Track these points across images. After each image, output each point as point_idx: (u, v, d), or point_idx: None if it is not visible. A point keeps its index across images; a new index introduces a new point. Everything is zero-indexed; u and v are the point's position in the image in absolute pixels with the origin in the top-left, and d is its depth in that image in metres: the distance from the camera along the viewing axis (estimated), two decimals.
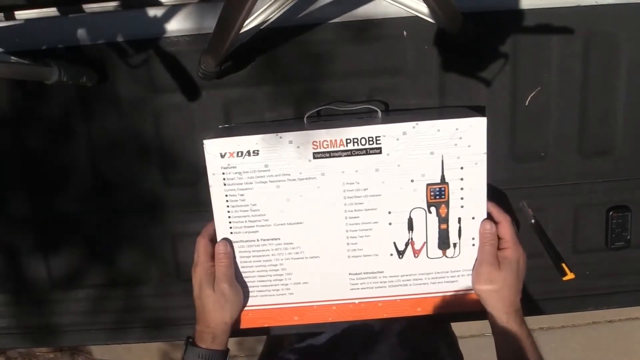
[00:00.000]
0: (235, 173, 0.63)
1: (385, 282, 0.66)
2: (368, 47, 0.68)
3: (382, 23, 0.67)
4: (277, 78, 0.69)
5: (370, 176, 0.63)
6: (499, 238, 0.64)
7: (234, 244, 0.65)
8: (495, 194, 0.70)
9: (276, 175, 0.63)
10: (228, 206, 0.64)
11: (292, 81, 0.69)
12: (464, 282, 0.66)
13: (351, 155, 0.62)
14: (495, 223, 0.64)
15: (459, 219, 0.64)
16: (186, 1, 0.68)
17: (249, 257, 0.65)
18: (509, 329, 0.61)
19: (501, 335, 0.62)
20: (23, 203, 0.74)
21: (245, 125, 0.70)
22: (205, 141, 0.62)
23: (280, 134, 0.61)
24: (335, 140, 0.61)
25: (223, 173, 0.63)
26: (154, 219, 0.74)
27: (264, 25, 0.62)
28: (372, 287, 0.66)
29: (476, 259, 0.65)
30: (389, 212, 0.64)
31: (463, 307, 0.67)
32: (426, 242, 0.65)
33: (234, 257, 0.66)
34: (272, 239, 0.65)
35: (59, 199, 0.74)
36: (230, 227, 0.65)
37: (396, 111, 0.70)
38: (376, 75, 0.69)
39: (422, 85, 0.69)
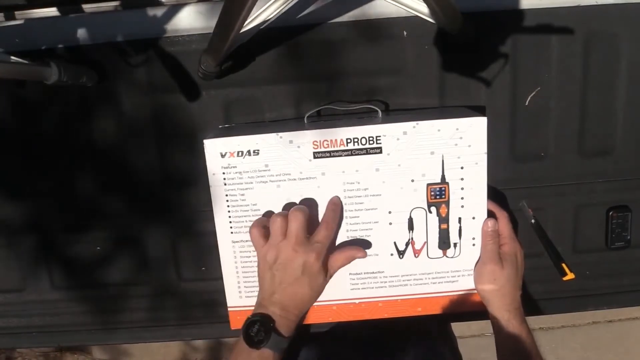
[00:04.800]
0: (236, 173, 0.63)
1: (386, 282, 0.66)
2: (368, 47, 0.68)
3: (382, 23, 0.67)
4: (277, 78, 0.69)
5: (370, 176, 0.63)
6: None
7: (234, 244, 0.65)
8: (495, 194, 0.70)
9: (276, 175, 0.63)
10: (228, 206, 0.64)
11: (292, 81, 0.69)
12: (464, 282, 0.66)
13: (351, 155, 0.62)
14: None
15: (460, 219, 0.64)
16: (186, 1, 0.68)
17: (250, 257, 0.65)
18: (510, 327, 0.61)
19: (502, 334, 0.62)
20: (22, 203, 0.74)
21: (245, 125, 0.70)
22: (205, 141, 0.62)
23: (280, 134, 0.61)
24: (336, 140, 0.61)
25: (223, 173, 0.63)
26: (154, 219, 0.74)
27: (264, 25, 0.62)
28: (373, 287, 0.66)
29: (479, 259, 0.65)
30: (390, 212, 0.64)
31: (463, 307, 0.67)
32: (426, 242, 0.65)
33: (234, 257, 0.66)
34: None
35: (59, 199, 0.74)
36: (231, 227, 0.65)
37: (396, 111, 0.70)
38: (376, 75, 0.69)
39: (422, 85, 0.69)
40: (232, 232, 0.65)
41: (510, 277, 0.62)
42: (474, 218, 0.64)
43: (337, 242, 0.64)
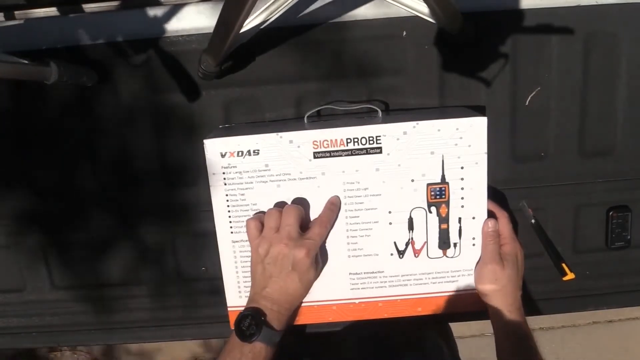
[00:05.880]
0: (236, 173, 0.63)
1: (386, 282, 0.66)
2: (368, 47, 0.68)
3: (382, 23, 0.67)
4: (277, 78, 0.69)
5: (370, 176, 0.63)
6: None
7: (234, 244, 0.65)
8: (495, 194, 0.70)
9: (276, 175, 0.63)
10: (228, 206, 0.64)
11: (292, 81, 0.69)
12: (464, 282, 0.66)
13: (351, 154, 0.62)
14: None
15: (460, 219, 0.64)
16: (186, 1, 0.68)
17: (250, 256, 0.65)
18: (511, 327, 0.61)
19: (502, 333, 0.62)
20: (22, 203, 0.74)
21: (245, 125, 0.70)
22: (205, 141, 0.62)
23: (280, 134, 0.61)
24: (336, 139, 0.61)
25: (223, 173, 0.63)
26: (154, 219, 0.74)
27: (264, 25, 0.62)
28: (372, 287, 0.66)
29: (479, 259, 0.65)
30: (390, 212, 0.64)
31: (463, 307, 0.67)
32: (426, 241, 0.65)
33: (234, 257, 0.66)
34: None
35: (58, 199, 0.74)
36: (231, 227, 0.65)
37: (396, 111, 0.70)
38: (376, 75, 0.69)
39: (422, 85, 0.69)
40: (232, 232, 0.65)
41: (511, 277, 0.62)
42: (474, 218, 0.64)
43: (335, 242, 0.64)
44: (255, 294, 0.60)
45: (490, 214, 0.64)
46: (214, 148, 0.62)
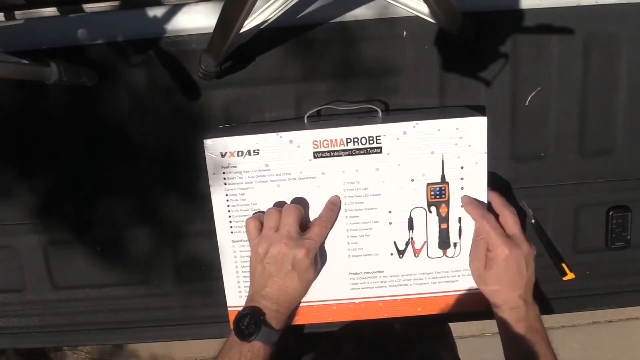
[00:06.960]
0: (236, 172, 0.63)
1: (386, 281, 0.66)
2: (368, 47, 0.68)
3: (382, 23, 0.67)
4: (277, 78, 0.69)
5: (370, 175, 0.63)
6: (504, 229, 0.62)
7: (234, 244, 0.65)
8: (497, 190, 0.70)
9: (277, 175, 0.63)
10: (228, 206, 0.64)
11: (292, 81, 0.69)
12: (464, 282, 0.66)
13: (351, 154, 0.62)
14: (496, 215, 0.63)
15: (460, 219, 0.64)
16: (186, 1, 0.68)
17: (250, 256, 0.65)
18: (512, 326, 0.60)
19: (506, 333, 0.61)
20: (22, 203, 0.74)
21: (245, 125, 0.70)
22: (205, 141, 0.62)
23: (280, 134, 0.61)
24: (336, 139, 0.61)
25: (223, 173, 0.63)
26: (154, 219, 0.74)
27: (264, 25, 0.62)
28: (372, 287, 0.66)
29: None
30: (389, 212, 0.64)
31: (464, 307, 0.67)
32: (426, 241, 0.65)
33: (234, 257, 0.66)
34: None
35: (58, 200, 0.74)
36: (231, 227, 0.65)
37: (396, 111, 0.70)
38: (376, 75, 0.69)
39: (422, 85, 0.69)
40: (232, 232, 0.65)
41: (506, 277, 0.61)
42: None
43: (335, 242, 0.64)
44: (254, 293, 0.60)
45: (493, 209, 0.64)
46: (214, 148, 0.62)
